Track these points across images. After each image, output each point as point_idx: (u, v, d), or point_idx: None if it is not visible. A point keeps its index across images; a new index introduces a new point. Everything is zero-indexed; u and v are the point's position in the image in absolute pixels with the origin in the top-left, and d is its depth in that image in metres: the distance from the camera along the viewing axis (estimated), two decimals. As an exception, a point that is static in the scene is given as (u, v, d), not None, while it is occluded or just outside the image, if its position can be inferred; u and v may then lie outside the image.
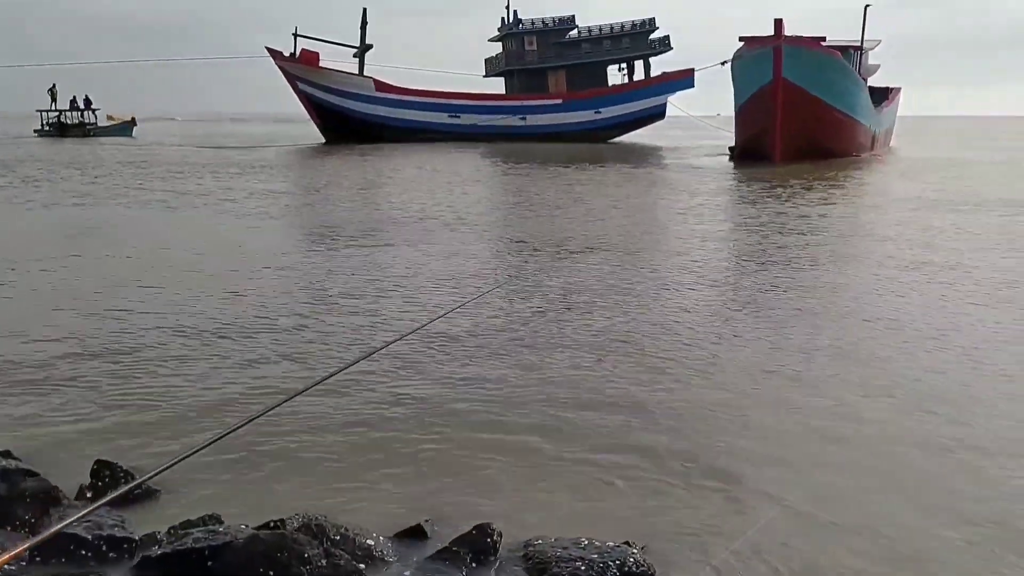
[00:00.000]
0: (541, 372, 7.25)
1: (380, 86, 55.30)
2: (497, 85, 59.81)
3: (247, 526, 4.39)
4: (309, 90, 54.98)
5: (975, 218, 17.59)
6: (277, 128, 76.53)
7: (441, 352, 7.74)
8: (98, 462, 5.11)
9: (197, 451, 2.69)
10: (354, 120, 54.37)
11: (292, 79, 55.24)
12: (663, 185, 26.51)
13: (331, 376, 3.57)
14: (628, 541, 4.34)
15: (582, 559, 4.14)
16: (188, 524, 4.47)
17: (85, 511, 2.44)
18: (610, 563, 4.10)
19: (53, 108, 59.23)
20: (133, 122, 62.07)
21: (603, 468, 5.37)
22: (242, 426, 2.90)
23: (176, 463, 2.60)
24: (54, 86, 59.29)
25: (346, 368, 3.75)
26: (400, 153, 41.03)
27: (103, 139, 53.97)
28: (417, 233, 15.37)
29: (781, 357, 7.75)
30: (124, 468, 5.09)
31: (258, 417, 2.93)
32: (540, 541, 4.39)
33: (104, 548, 4.18)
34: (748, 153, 35.26)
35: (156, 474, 2.77)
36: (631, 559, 4.13)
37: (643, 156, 41.32)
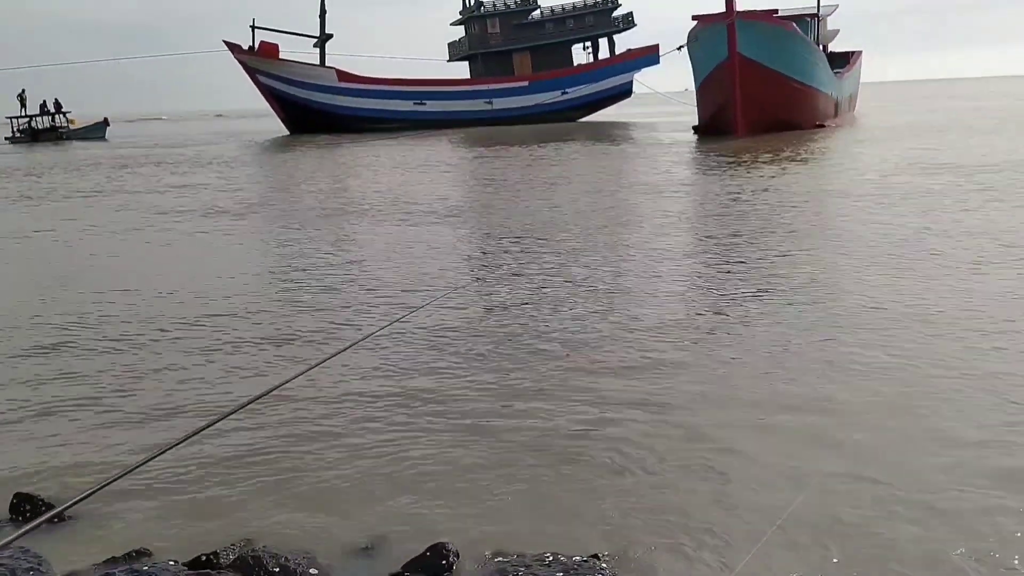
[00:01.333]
0: (501, 372, 6.78)
1: (343, 76, 54.47)
2: (461, 70, 59.20)
3: (176, 562, 3.99)
4: (270, 83, 54.07)
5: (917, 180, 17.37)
6: (258, 123, 74.57)
7: (389, 358, 7.19)
8: (17, 495, 4.68)
9: (125, 475, 2.40)
10: (317, 111, 53.54)
11: (252, 72, 54.29)
12: (629, 160, 26.15)
13: (271, 391, 3.25)
14: (596, 555, 3.97)
15: (546, 579, 3.77)
16: (113, 561, 4.06)
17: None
18: (576, 582, 3.73)
19: (23, 114, 57.77)
20: (105, 123, 60.94)
21: (574, 470, 4.97)
22: (171, 448, 2.59)
23: (98, 490, 2.28)
24: (23, 91, 57.73)
25: (286, 383, 3.37)
26: (364, 144, 40.38)
27: (76, 143, 53.01)
28: (373, 227, 14.91)
29: (759, 343, 7.41)
30: (46, 500, 4.66)
31: (190, 437, 2.61)
32: (500, 559, 4.02)
33: (16, 594, 3.76)
34: (711, 129, 35.04)
35: (75, 503, 2.40)
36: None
37: (611, 134, 40.89)
